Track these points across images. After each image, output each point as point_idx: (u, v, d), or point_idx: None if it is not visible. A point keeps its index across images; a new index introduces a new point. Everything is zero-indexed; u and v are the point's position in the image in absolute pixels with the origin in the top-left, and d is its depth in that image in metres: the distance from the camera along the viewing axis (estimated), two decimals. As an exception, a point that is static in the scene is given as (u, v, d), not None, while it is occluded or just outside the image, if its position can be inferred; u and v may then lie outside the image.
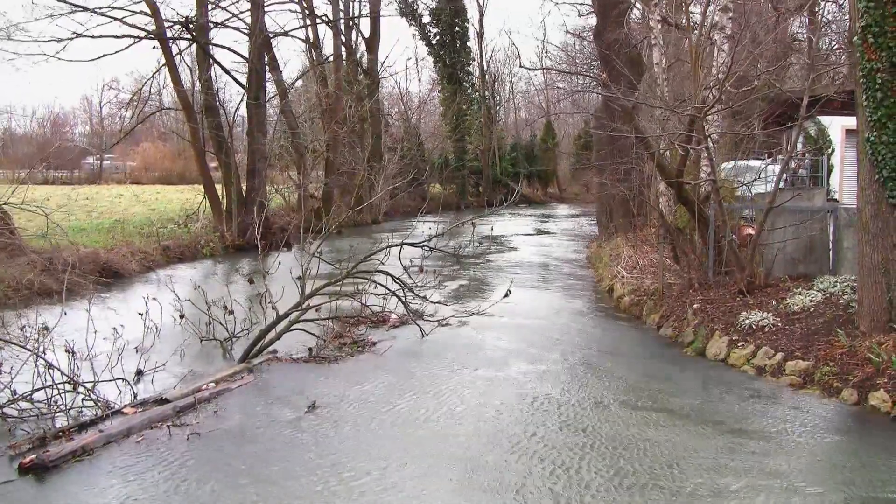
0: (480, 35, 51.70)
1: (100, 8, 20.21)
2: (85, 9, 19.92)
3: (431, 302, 10.54)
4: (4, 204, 13.41)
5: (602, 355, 9.62)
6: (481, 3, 52.46)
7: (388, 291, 10.17)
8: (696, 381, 8.28)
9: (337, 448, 6.06)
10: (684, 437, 6.37)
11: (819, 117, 15.96)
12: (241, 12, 24.30)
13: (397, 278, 10.13)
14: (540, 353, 9.44)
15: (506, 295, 10.39)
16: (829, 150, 16.23)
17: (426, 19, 44.58)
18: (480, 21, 51.92)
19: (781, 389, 7.84)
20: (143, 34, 21.51)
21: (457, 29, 44.89)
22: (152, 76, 24.09)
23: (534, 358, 9.14)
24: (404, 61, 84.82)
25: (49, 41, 20.29)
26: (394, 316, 10.83)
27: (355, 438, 6.28)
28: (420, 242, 10.20)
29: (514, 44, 68.75)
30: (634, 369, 8.85)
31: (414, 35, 45.40)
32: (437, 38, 44.81)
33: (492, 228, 26.98)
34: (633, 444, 6.17)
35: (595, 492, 5.25)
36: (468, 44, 46.39)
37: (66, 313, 8.51)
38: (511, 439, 6.26)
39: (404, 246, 9.98)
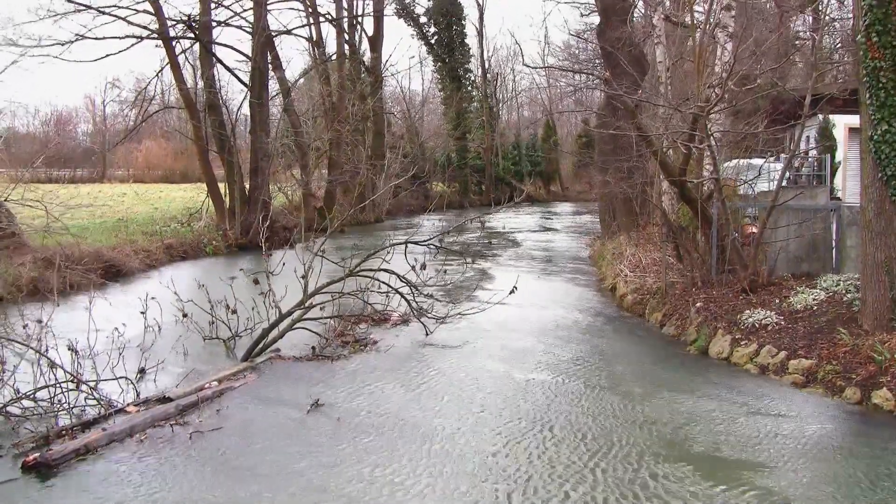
0: (481, 34, 51.71)
1: (103, 7, 20.27)
2: (89, 8, 19.97)
3: (436, 300, 10.52)
4: (6, 200, 13.44)
5: (604, 355, 9.61)
6: (481, 3, 52.47)
7: (391, 289, 10.17)
8: (698, 380, 8.27)
9: (340, 447, 6.06)
10: (686, 437, 6.37)
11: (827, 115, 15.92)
12: (244, 10, 24.36)
13: (402, 276, 10.12)
14: (542, 352, 9.44)
15: (512, 291, 10.39)
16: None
17: (424, 19, 44.57)
18: (480, 20, 51.91)
19: (784, 388, 7.83)
20: (146, 33, 21.55)
21: (454, 28, 44.85)
22: (156, 75, 24.23)
23: (536, 357, 9.14)
24: (408, 60, 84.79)
25: (53, 45, 19.94)
26: (395, 314, 10.84)
27: (358, 437, 6.29)
28: (425, 240, 10.18)
29: (516, 42, 68.42)
30: (637, 368, 8.84)
31: (413, 35, 45.47)
32: (436, 37, 44.79)
33: (504, 226, 27.19)
34: (637, 446, 6.18)
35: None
36: (467, 42, 46.38)
37: (58, 305, 8.49)
38: (516, 438, 6.27)
39: (407, 244, 9.98)
